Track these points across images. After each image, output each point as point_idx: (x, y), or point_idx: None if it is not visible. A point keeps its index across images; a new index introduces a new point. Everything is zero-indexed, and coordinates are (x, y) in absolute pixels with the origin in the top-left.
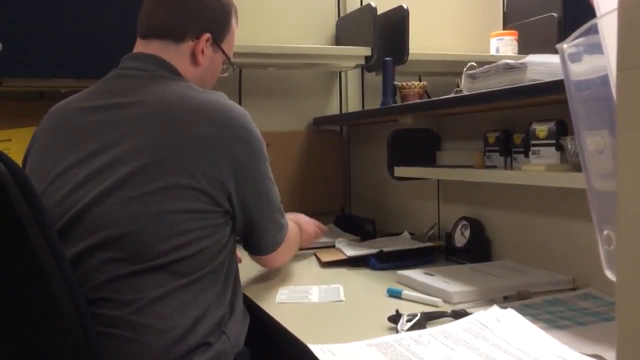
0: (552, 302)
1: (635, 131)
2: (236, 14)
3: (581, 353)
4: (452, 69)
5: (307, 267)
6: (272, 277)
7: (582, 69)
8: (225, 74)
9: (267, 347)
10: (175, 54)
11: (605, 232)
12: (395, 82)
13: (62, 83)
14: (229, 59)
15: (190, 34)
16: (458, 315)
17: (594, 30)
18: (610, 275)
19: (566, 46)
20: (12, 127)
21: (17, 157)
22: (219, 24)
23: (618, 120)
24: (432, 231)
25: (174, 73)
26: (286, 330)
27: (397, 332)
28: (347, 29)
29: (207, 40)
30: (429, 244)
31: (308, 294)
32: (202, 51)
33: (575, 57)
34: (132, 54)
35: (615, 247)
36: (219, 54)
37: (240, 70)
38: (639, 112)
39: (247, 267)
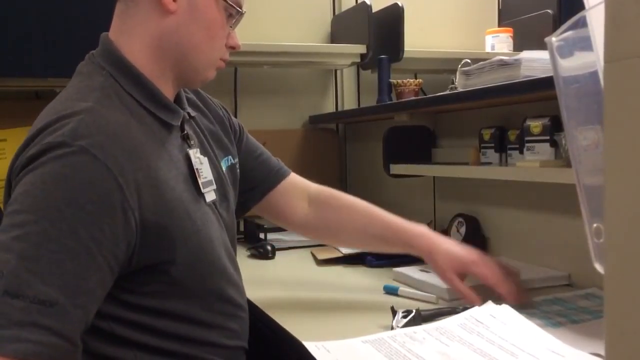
0: (552, 301)
1: (622, 123)
2: None
3: (577, 349)
4: (447, 66)
5: (304, 264)
6: (265, 273)
7: (572, 63)
8: (240, 19)
9: (261, 344)
10: (135, 12)
11: (595, 225)
12: (391, 80)
13: (57, 82)
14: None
15: None
16: (453, 311)
17: (582, 23)
18: (599, 267)
19: (554, 39)
20: (7, 127)
21: None
22: None
23: (605, 112)
24: None
25: (113, 63)
26: (281, 327)
27: (392, 328)
28: (342, 27)
29: None
30: None
31: None
32: None
33: (565, 52)
34: None
35: (604, 239)
36: None
37: (236, 69)
38: (626, 103)
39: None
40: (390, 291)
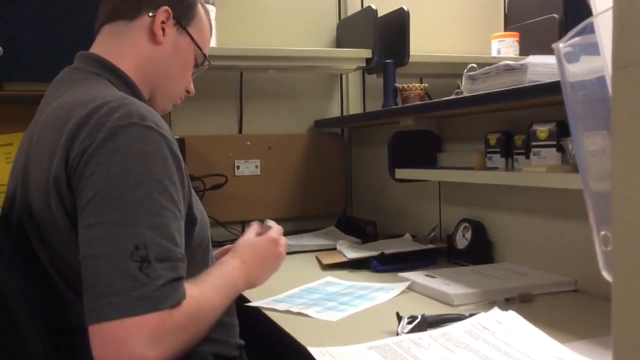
0: None
1: (630, 129)
2: (203, 5)
3: (583, 355)
4: (453, 70)
5: (309, 269)
6: (270, 278)
7: (579, 69)
8: (202, 71)
9: (266, 349)
10: (127, 35)
11: (603, 232)
12: (396, 84)
13: None
14: (199, 48)
15: (146, 7)
16: (459, 317)
17: (589, 29)
18: (606, 275)
19: (562, 45)
20: (13, 132)
21: None
22: (179, 2)
23: (613, 119)
24: (433, 233)
25: (108, 70)
26: (286, 332)
27: (397, 334)
28: (348, 32)
29: (167, 17)
30: (430, 246)
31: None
32: (163, 29)
33: (572, 57)
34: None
35: (612, 247)
36: (186, 39)
37: (241, 74)
38: (634, 110)
39: None
40: None
